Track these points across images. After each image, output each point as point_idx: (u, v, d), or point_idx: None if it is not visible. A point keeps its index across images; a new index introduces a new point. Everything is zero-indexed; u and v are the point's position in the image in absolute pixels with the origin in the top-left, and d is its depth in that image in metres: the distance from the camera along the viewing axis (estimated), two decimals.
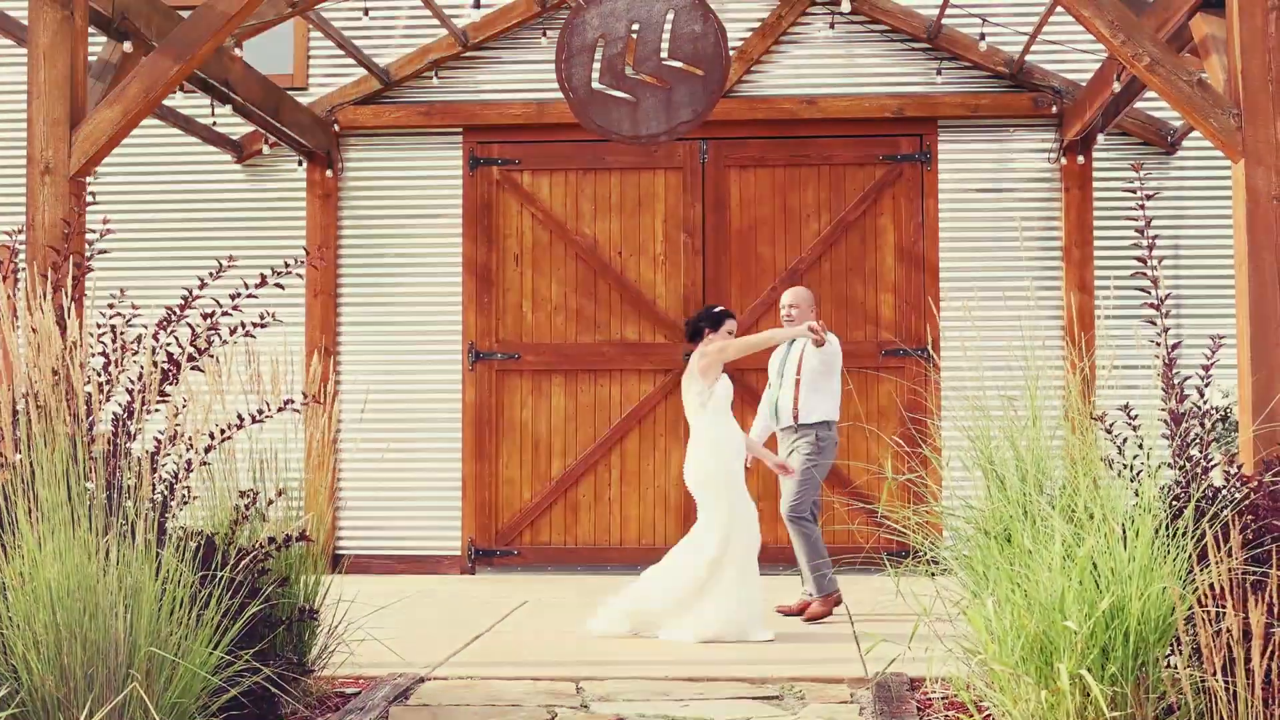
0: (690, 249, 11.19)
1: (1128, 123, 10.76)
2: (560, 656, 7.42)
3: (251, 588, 5.37)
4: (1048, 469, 5.87)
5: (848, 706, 6.20)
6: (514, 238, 11.32)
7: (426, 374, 11.32)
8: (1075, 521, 5.20)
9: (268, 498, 6.23)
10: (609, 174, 11.27)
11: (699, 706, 6.20)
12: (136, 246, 11.33)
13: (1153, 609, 4.70)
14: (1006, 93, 11.07)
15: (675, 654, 7.47)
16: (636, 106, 7.86)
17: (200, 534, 5.63)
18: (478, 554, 11.18)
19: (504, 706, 6.23)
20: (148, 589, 4.83)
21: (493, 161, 11.33)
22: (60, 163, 7.09)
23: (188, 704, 4.91)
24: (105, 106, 7.23)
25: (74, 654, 4.74)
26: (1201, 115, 6.89)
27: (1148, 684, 4.72)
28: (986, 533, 5.57)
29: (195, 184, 11.50)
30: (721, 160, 11.22)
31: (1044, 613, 4.77)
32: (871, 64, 11.27)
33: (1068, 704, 4.64)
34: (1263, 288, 6.77)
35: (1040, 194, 11.07)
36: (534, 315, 11.27)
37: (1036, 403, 6.06)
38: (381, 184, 11.42)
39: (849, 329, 10.95)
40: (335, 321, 11.32)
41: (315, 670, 6.24)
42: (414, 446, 11.29)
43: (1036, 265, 10.99)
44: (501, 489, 11.23)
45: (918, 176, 11.13)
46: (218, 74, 8.93)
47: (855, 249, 11.14)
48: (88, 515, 4.88)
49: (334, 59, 11.44)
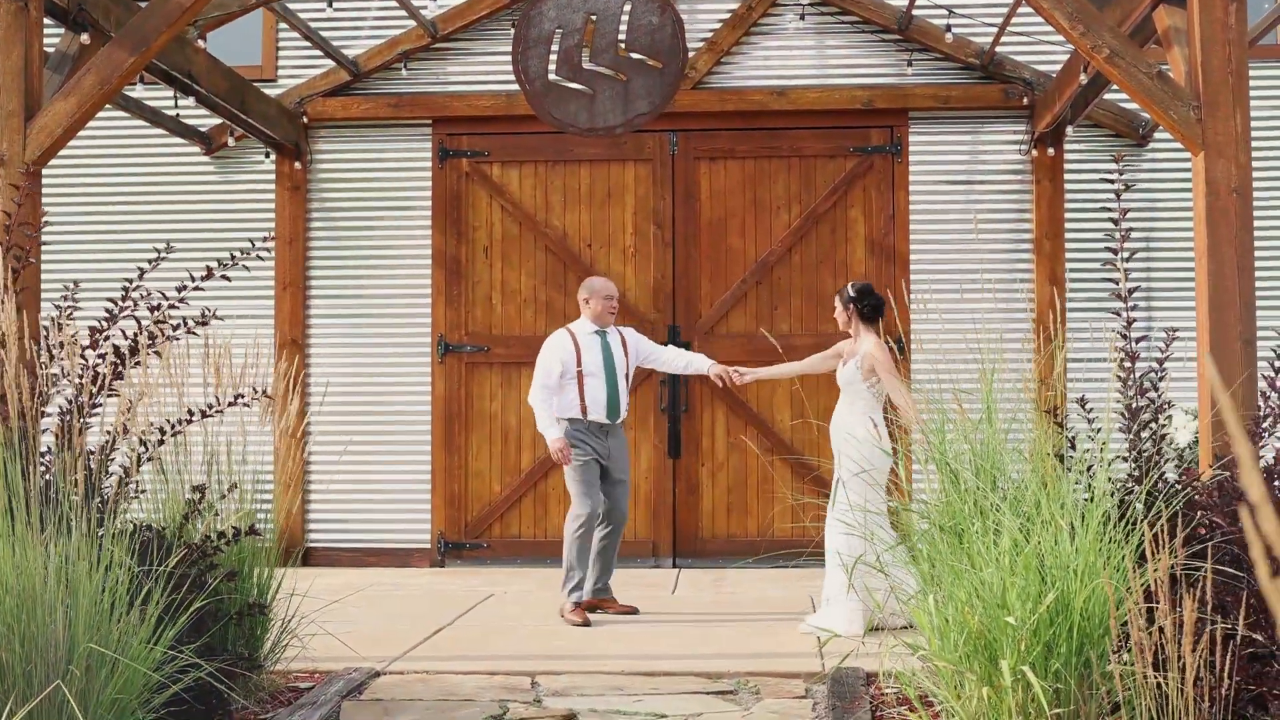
0: (660, 241, 11.15)
1: (1099, 114, 10.74)
2: (520, 650, 7.39)
3: (196, 581, 5.33)
4: (1001, 464, 5.85)
5: (801, 702, 6.17)
6: (483, 230, 11.28)
7: (396, 366, 11.28)
8: (1026, 516, 5.17)
9: (220, 492, 6.18)
10: (578, 166, 11.23)
11: (652, 701, 6.17)
12: (104, 239, 11.30)
13: (1097, 605, 4.67)
14: (977, 84, 11.04)
15: (637, 649, 7.44)
16: (593, 99, 7.82)
17: (149, 528, 5.60)
18: (447, 547, 11.15)
19: (457, 701, 6.20)
20: (86, 584, 4.79)
21: (462, 153, 11.28)
22: (15, 155, 7.04)
23: (128, 700, 4.87)
24: (60, 98, 7.18)
25: (12, 651, 4.70)
26: (1161, 107, 6.87)
27: (1092, 680, 4.69)
28: (941, 528, 5.54)
29: (164, 176, 11.44)
30: (691, 152, 11.18)
31: (988, 609, 4.75)
32: (842, 55, 11.23)
33: (1010, 701, 4.62)
34: (1221, 279, 6.75)
35: (1011, 186, 11.04)
36: (503, 307, 11.23)
37: (992, 396, 6.04)
38: (351, 176, 11.37)
39: (819, 321, 10.92)
40: (304, 314, 11.27)
41: (266, 665, 6.20)
42: (383, 439, 11.25)
43: (1007, 258, 10.96)
44: (471, 481, 11.20)
45: (888, 168, 11.10)
46: (180, 65, 8.87)
47: (826, 241, 11.11)
48: (24, 510, 4.84)
49: (303, 51, 11.39)
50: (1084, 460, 5.55)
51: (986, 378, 5.98)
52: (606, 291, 8.56)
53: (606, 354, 8.48)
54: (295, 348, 11.03)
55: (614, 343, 8.56)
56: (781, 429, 10.95)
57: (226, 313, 10.69)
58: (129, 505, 5.60)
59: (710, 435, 11.05)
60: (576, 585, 8.32)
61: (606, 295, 8.54)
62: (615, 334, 8.60)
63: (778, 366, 8.61)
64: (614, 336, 8.58)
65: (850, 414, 7.92)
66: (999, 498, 5.35)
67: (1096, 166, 10.93)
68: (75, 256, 11.21)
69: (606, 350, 8.50)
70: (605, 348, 8.51)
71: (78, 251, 11.28)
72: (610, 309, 8.54)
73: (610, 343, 8.54)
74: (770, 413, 10.98)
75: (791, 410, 10.92)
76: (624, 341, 8.59)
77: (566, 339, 8.47)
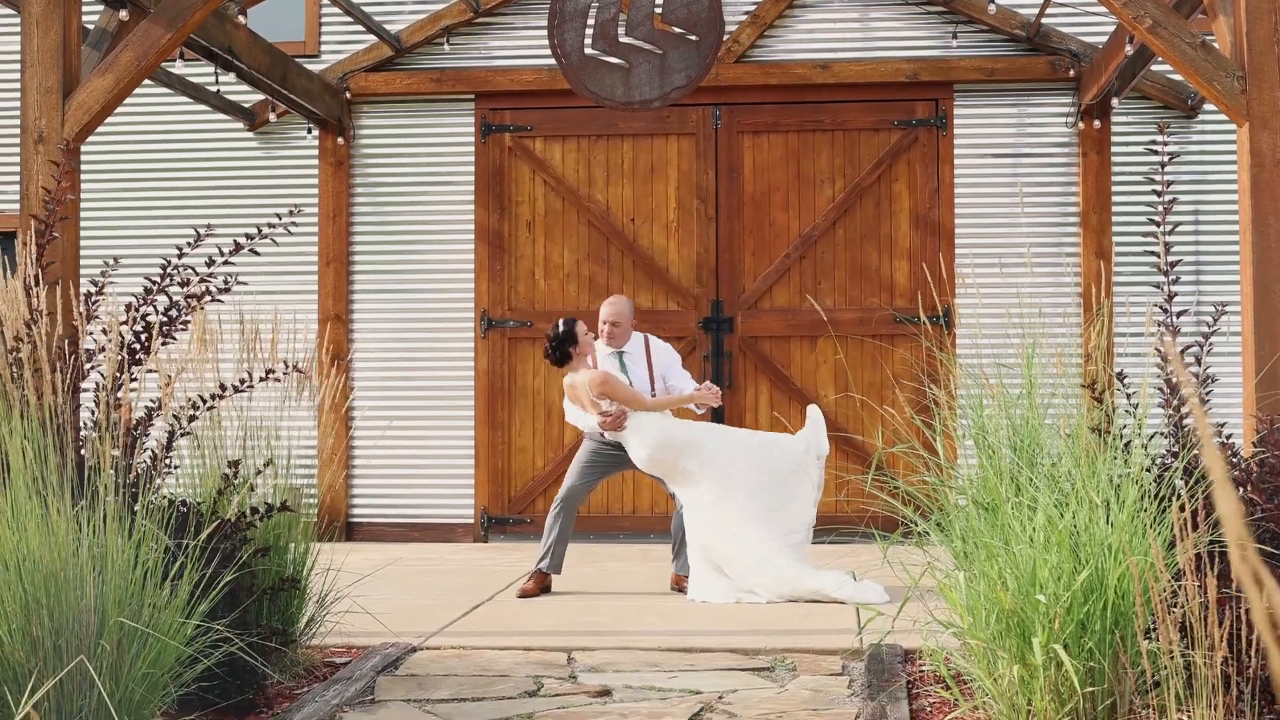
0: (703, 215, 11.10)
1: (1146, 86, 10.60)
2: (556, 626, 7.38)
3: (228, 556, 5.34)
4: (1041, 440, 5.79)
5: (838, 679, 6.14)
6: (526, 205, 11.26)
7: (439, 342, 11.28)
8: (1061, 493, 5.12)
9: (256, 467, 6.19)
10: (621, 140, 11.19)
11: (687, 678, 6.15)
12: (148, 215, 11.35)
13: (1131, 583, 4.61)
14: (1023, 56, 10.92)
15: (674, 625, 7.42)
16: (629, 72, 7.77)
17: (183, 503, 5.62)
18: (490, 522, 11.16)
19: (492, 677, 6.20)
20: (117, 557, 4.80)
21: (505, 128, 11.26)
22: (53, 132, 7.06)
23: (159, 674, 4.89)
24: (98, 75, 7.20)
25: (42, 624, 4.72)
26: (1205, 78, 6.77)
27: (1126, 659, 4.64)
28: (976, 504, 5.49)
29: (207, 152, 11.48)
30: (735, 126, 11.12)
31: (1020, 586, 4.69)
32: (886, 28, 11.14)
33: (1041, 679, 4.57)
34: (1267, 251, 6.66)
35: (1057, 159, 10.93)
36: (546, 283, 11.22)
37: (1033, 371, 5.98)
38: (394, 151, 11.38)
39: (863, 296, 10.86)
40: (348, 290, 11.29)
41: (301, 641, 6.21)
42: (427, 414, 11.27)
43: (1053, 232, 10.85)
44: (514, 457, 11.20)
45: (933, 141, 11.00)
46: (220, 41, 8.88)
47: (870, 215, 11.03)
48: (59, 484, 4.85)
49: (346, 26, 11.39)
50: (1122, 436, 5.48)
51: (1028, 353, 5.92)
52: (602, 314, 8.55)
53: (623, 370, 8.48)
54: (339, 323, 11.06)
55: (633, 359, 8.53)
56: (825, 404, 10.87)
57: (270, 288, 10.79)
58: (163, 480, 5.62)
59: (754, 410, 11.00)
60: (541, 557, 8.40)
61: (602, 319, 8.53)
62: (638, 347, 8.57)
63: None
64: (635, 351, 8.56)
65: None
66: (1036, 474, 5.30)
67: (1144, 139, 10.80)
68: (119, 233, 11.25)
69: (624, 368, 8.50)
70: (623, 366, 8.50)
71: (121, 228, 11.33)
72: (607, 332, 8.50)
73: (628, 361, 8.52)
74: (814, 387, 10.92)
75: (835, 384, 10.86)
76: (648, 353, 8.56)
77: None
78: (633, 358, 8.52)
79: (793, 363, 10.98)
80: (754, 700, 5.76)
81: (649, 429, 8.15)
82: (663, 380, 8.52)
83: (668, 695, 5.87)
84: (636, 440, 8.17)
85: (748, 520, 8.04)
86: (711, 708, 5.65)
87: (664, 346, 8.69)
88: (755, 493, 8.10)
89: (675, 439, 8.17)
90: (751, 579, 7.98)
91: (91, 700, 4.70)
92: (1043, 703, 4.64)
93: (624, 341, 8.51)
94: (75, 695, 4.69)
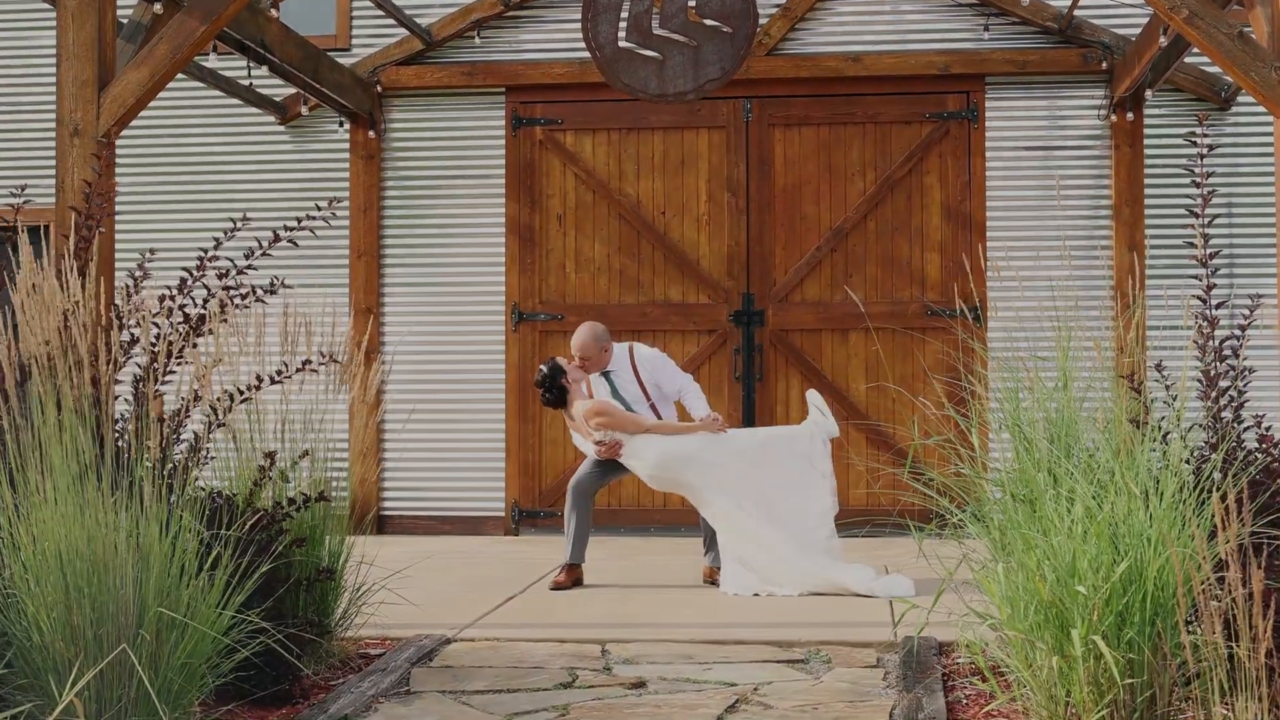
0: (734, 208, 11.09)
1: (1180, 78, 10.55)
2: (590, 618, 7.38)
3: (264, 548, 5.35)
4: (1077, 431, 5.77)
5: (872, 671, 6.13)
6: (557, 198, 11.26)
7: (470, 335, 11.30)
8: (1099, 484, 5.09)
9: (292, 459, 6.20)
10: (652, 133, 11.18)
11: (722, 670, 6.15)
12: (181, 208, 11.39)
13: (1171, 574, 4.59)
14: (1055, 49, 10.88)
15: (708, 617, 7.42)
16: (663, 64, 7.76)
17: (219, 495, 5.64)
18: (521, 515, 11.18)
19: (526, 669, 6.20)
20: (157, 549, 4.82)
21: (535, 121, 11.26)
22: (89, 124, 7.09)
23: (197, 664, 4.91)
24: (133, 68, 7.22)
25: (83, 614, 4.74)
26: (1241, 69, 6.73)
27: (1167, 650, 4.62)
28: (1014, 496, 5.47)
29: (239, 146, 11.52)
30: (765, 119, 11.10)
31: (1059, 577, 4.68)
32: (918, 20, 11.10)
33: (1080, 671, 4.55)
34: None
35: (1090, 152, 10.88)
36: (577, 276, 11.22)
37: (1068, 363, 5.96)
38: (424, 145, 11.39)
39: (894, 289, 10.85)
40: (379, 283, 11.31)
41: (336, 632, 6.23)
42: (458, 407, 11.29)
43: (1086, 224, 10.81)
44: (545, 450, 11.21)
45: (965, 134, 10.97)
46: (253, 35, 8.90)
47: (901, 208, 11.00)
48: (97, 475, 4.87)
49: (376, 20, 11.41)
50: (1160, 427, 5.46)
51: (1063, 344, 5.90)
52: (573, 348, 8.57)
53: (614, 392, 8.57)
54: (370, 316, 11.08)
55: (621, 379, 8.59)
56: (856, 396, 10.87)
57: (301, 281, 10.75)
58: (200, 472, 5.63)
59: (785, 403, 10.98)
60: (568, 550, 8.50)
61: (575, 352, 8.56)
62: (623, 363, 8.61)
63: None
64: (621, 368, 8.61)
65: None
66: (1073, 465, 5.28)
67: (1177, 131, 10.74)
68: (153, 225, 11.29)
69: (614, 388, 8.58)
70: (613, 387, 8.58)
71: (156, 220, 11.37)
72: (578, 365, 8.52)
73: (617, 381, 8.59)
74: (845, 380, 10.90)
75: (867, 377, 10.85)
76: (634, 366, 8.60)
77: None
78: (620, 376, 8.62)
79: (824, 356, 10.96)
80: (789, 692, 5.76)
81: (645, 450, 8.29)
82: (657, 388, 8.58)
83: (702, 687, 5.87)
84: (636, 463, 8.33)
85: (762, 522, 8.10)
86: (747, 699, 5.65)
87: (650, 354, 8.72)
88: (763, 494, 8.18)
89: (672, 456, 8.28)
90: (776, 577, 8.02)
91: (131, 690, 4.72)
92: (1081, 694, 4.62)
93: (602, 365, 8.58)
94: (115, 684, 4.71)
